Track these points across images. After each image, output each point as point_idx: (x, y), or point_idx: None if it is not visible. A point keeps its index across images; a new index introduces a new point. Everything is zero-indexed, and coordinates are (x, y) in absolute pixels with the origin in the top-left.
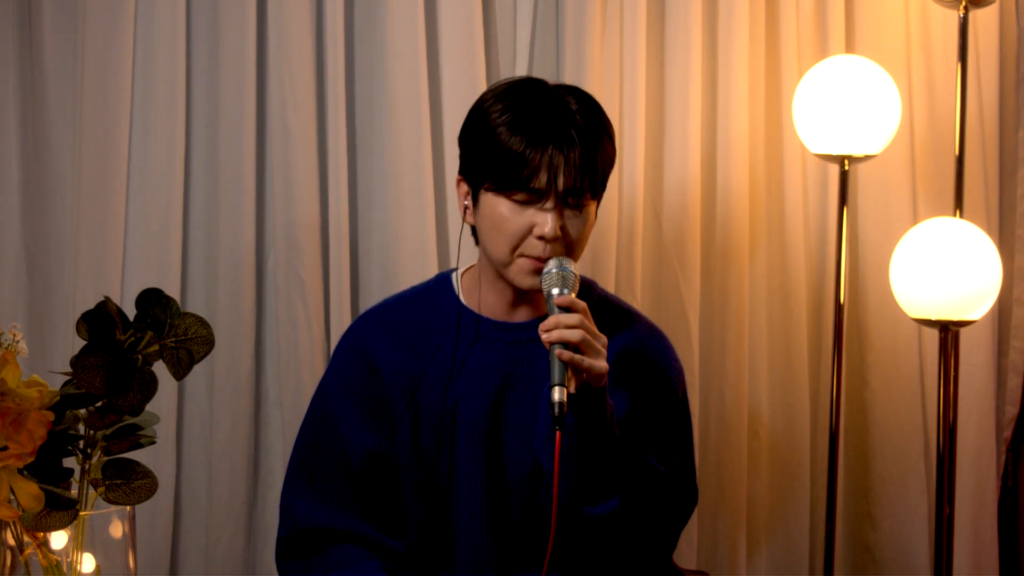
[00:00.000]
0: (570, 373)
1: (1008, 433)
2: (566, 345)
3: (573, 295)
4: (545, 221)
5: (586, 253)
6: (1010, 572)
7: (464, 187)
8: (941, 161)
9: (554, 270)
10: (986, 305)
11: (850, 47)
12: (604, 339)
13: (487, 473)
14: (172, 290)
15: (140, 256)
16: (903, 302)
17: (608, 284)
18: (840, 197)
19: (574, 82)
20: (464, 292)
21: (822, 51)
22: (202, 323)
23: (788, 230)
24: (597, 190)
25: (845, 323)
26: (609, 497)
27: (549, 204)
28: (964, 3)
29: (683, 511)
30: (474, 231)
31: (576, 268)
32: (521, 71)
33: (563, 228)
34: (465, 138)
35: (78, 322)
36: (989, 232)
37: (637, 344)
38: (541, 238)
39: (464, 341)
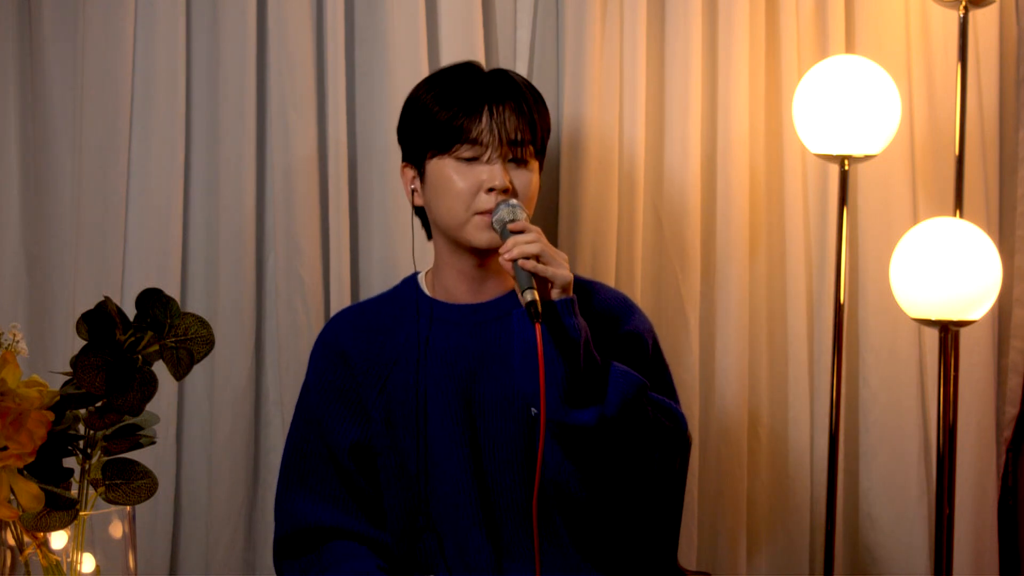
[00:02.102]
0: (536, 285)
1: (1008, 433)
2: (528, 259)
3: (525, 221)
4: (493, 174)
5: (587, 253)
6: (1010, 572)
7: (409, 172)
8: (941, 161)
9: (503, 207)
10: (986, 305)
11: (850, 47)
12: (564, 255)
13: (470, 454)
14: (172, 290)
15: (140, 256)
16: (903, 302)
17: (608, 283)
18: (840, 197)
19: (574, 82)
20: (428, 286)
21: (822, 51)
22: (202, 323)
23: (788, 230)
24: (538, 143)
25: (845, 323)
26: (593, 402)
27: (494, 155)
28: (964, 3)
29: (676, 435)
30: (425, 223)
31: (525, 213)
32: (521, 71)
33: (511, 182)
34: (402, 127)
35: (78, 322)
36: (989, 232)
37: (602, 307)
38: (491, 190)
39: (431, 328)
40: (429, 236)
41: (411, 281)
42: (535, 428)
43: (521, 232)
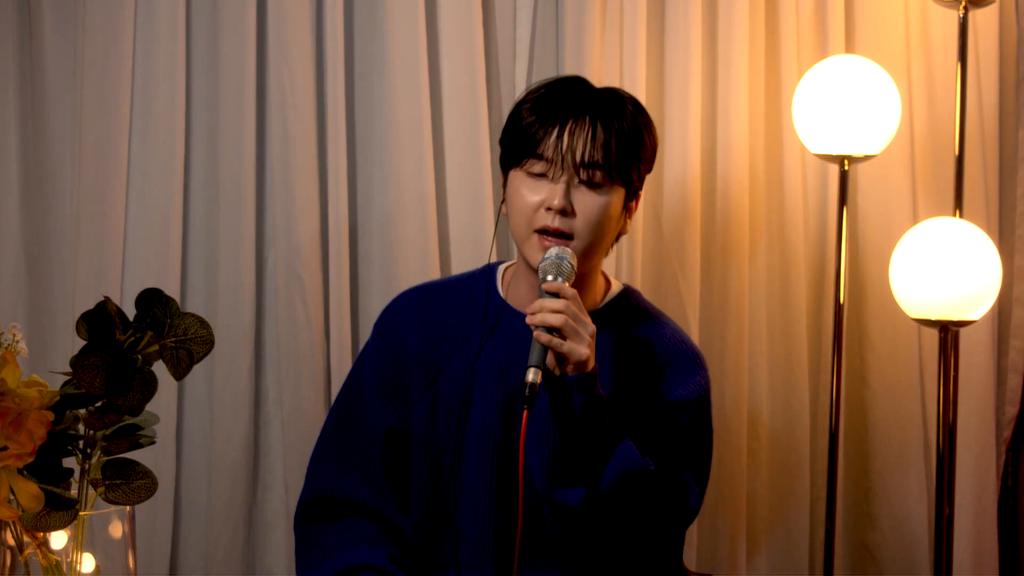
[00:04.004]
0: (555, 359)
1: (1008, 433)
2: (549, 330)
3: (567, 284)
4: (553, 193)
5: None
6: (1010, 572)
7: (503, 178)
8: (941, 161)
9: (552, 257)
10: (986, 305)
11: (850, 47)
12: (592, 328)
13: (500, 466)
14: (172, 290)
15: (140, 256)
16: (903, 302)
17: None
18: (840, 197)
19: None
20: (504, 284)
21: (822, 51)
22: (202, 323)
23: (788, 230)
24: (613, 169)
25: (845, 323)
26: (583, 484)
27: (560, 175)
28: (964, 3)
29: (671, 517)
30: None
31: (575, 261)
32: (521, 71)
33: (573, 204)
34: (503, 129)
35: (78, 322)
36: (989, 232)
37: (663, 348)
38: (549, 209)
39: (494, 331)
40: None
41: (489, 273)
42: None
43: (554, 294)
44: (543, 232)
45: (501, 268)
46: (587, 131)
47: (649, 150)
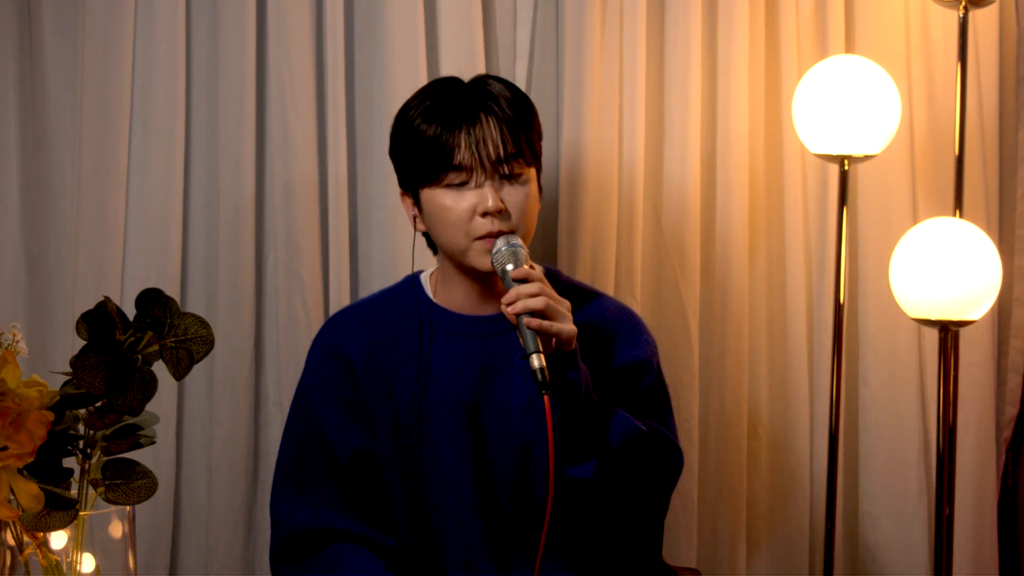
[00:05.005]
0: (540, 341)
1: (1008, 433)
2: (533, 314)
3: (526, 267)
4: (484, 197)
5: (586, 253)
6: (1010, 572)
7: (408, 199)
8: (941, 161)
9: (503, 248)
10: (986, 305)
11: (850, 47)
12: (567, 303)
13: (475, 467)
14: (172, 290)
15: (140, 256)
16: (903, 302)
17: (608, 284)
18: (840, 197)
19: (574, 82)
20: (432, 290)
21: (822, 51)
22: (202, 323)
23: (788, 230)
24: (526, 154)
25: (844, 323)
26: (591, 456)
27: (482, 179)
28: (964, 3)
29: (667, 473)
30: (429, 241)
31: (524, 243)
32: (521, 71)
33: (504, 202)
34: (392, 149)
35: (78, 322)
36: (989, 232)
37: (607, 319)
38: (485, 214)
39: (434, 338)
40: (434, 252)
41: (414, 282)
42: (537, 442)
43: (523, 280)
44: (486, 238)
45: (425, 275)
46: (491, 127)
47: (538, 121)
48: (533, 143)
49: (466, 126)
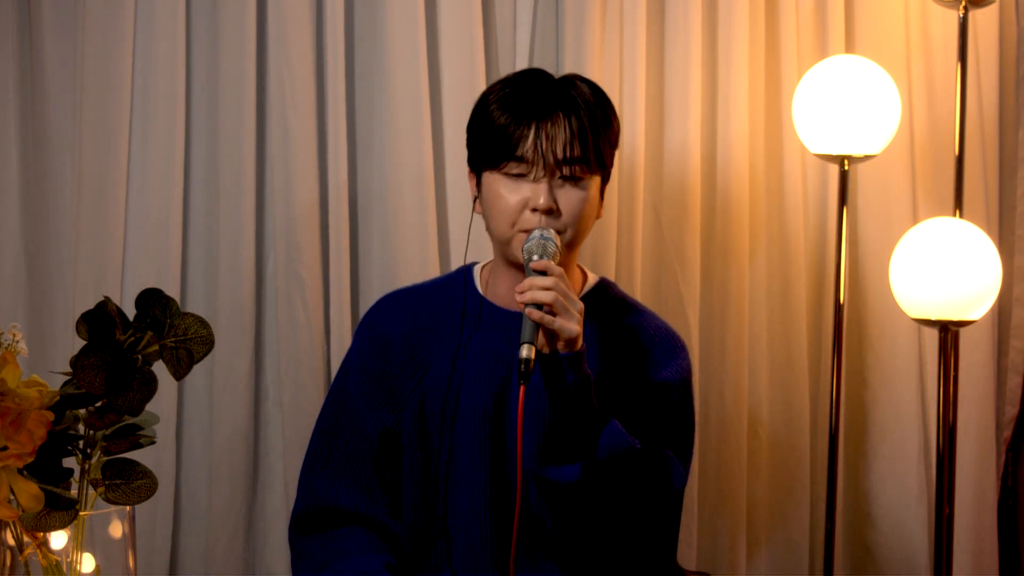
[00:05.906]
0: (544, 336)
1: (1008, 433)
2: (539, 307)
3: (553, 263)
4: (537, 193)
5: (586, 253)
6: (1010, 572)
7: (472, 179)
8: (941, 161)
9: (536, 237)
10: (986, 305)
11: (850, 47)
12: (581, 305)
13: (491, 459)
14: (172, 290)
15: (140, 256)
16: (903, 302)
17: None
18: (840, 197)
19: None
20: (482, 281)
21: (822, 51)
22: (202, 323)
23: (788, 230)
24: (591, 161)
25: (845, 323)
26: (573, 461)
27: (540, 174)
28: (964, 3)
29: (658, 496)
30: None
31: (560, 241)
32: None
33: (558, 202)
34: (469, 128)
35: (78, 322)
36: (989, 232)
37: (647, 335)
38: (535, 210)
39: (475, 328)
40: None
41: (466, 273)
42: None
43: (542, 273)
44: (528, 231)
45: (478, 267)
46: (563, 127)
47: (616, 131)
48: (602, 152)
49: (537, 121)
